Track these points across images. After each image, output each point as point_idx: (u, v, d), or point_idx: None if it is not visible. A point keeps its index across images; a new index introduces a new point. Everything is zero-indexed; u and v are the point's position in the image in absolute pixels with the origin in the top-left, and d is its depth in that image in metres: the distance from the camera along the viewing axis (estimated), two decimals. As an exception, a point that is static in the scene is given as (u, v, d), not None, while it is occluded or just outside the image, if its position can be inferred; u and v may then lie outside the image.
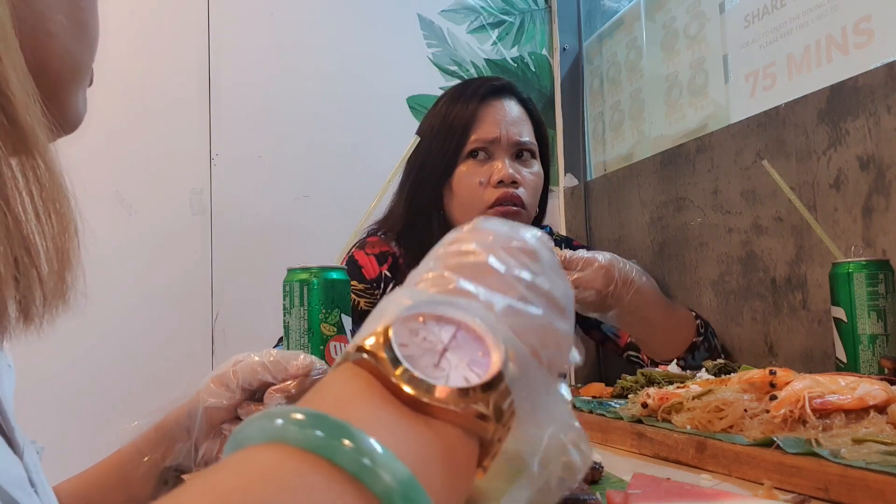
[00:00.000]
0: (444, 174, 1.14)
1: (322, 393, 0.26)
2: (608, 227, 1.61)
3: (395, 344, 0.26)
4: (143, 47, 1.53)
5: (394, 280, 1.16)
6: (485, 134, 1.14)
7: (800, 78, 1.15)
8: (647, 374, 0.83)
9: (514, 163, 1.16)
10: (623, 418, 0.64)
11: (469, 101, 1.16)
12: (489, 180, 1.12)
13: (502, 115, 1.17)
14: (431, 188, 1.15)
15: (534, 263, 0.32)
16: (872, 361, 0.79)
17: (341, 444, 0.22)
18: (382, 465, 0.21)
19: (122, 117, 1.50)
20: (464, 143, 1.14)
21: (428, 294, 0.30)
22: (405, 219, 1.17)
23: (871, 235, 0.94)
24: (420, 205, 1.16)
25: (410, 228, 1.16)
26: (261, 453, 0.22)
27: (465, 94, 1.18)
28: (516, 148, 1.16)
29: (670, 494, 0.38)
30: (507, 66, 1.82)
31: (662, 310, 1.08)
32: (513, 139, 1.16)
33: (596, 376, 1.63)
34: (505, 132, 1.15)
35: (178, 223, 1.50)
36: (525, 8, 1.85)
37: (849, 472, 0.41)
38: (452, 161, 1.14)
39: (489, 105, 1.17)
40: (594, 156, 1.80)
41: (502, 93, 1.20)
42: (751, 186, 1.15)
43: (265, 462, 0.22)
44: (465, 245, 0.32)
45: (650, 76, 1.58)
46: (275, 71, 1.62)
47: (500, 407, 0.27)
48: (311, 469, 0.21)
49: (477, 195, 1.13)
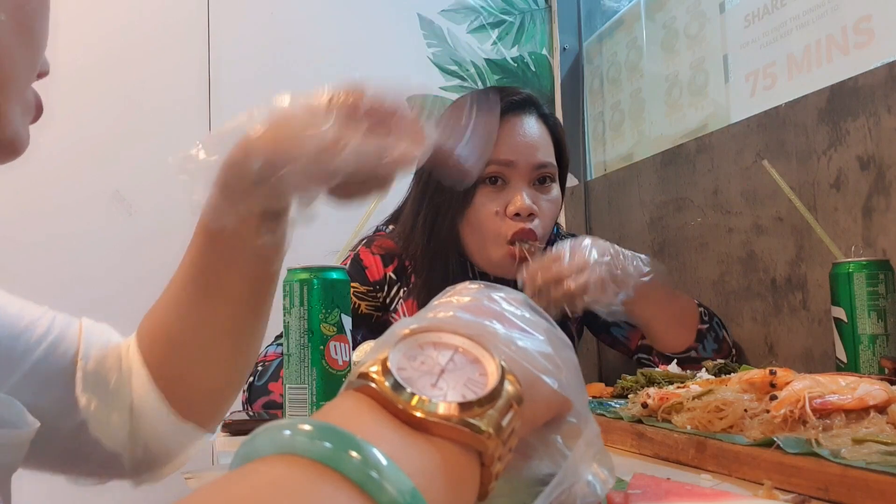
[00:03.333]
0: (463, 201, 1.08)
1: (326, 413, 0.27)
2: (608, 227, 1.61)
3: (394, 368, 0.27)
4: (144, 47, 1.53)
5: (398, 283, 1.13)
6: (503, 156, 1.06)
7: (800, 78, 1.15)
8: (647, 374, 0.83)
9: (532, 190, 1.08)
10: (623, 418, 0.64)
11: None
12: (505, 210, 1.06)
13: (521, 136, 1.08)
14: (451, 218, 1.09)
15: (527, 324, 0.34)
16: (872, 361, 0.79)
17: (349, 455, 0.22)
18: (388, 477, 0.22)
19: (122, 117, 1.50)
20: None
21: (428, 319, 0.31)
22: (424, 254, 1.11)
23: (871, 235, 0.94)
24: (439, 237, 1.10)
25: (428, 266, 1.11)
26: (269, 463, 0.22)
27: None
28: (535, 172, 1.08)
29: (670, 494, 0.38)
30: (507, 65, 1.82)
31: (666, 294, 1.05)
32: (532, 163, 1.07)
33: (596, 376, 1.63)
34: (524, 155, 1.07)
35: (178, 223, 1.50)
36: (525, 8, 1.85)
37: (849, 472, 0.41)
38: (471, 189, 1.06)
39: (507, 122, 1.07)
40: (594, 156, 1.80)
41: (522, 108, 1.10)
42: (751, 186, 1.15)
43: (274, 471, 0.22)
44: (460, 296, 0.34)
45: (650, 76, 1.58)
46: (275, 70, 1.62)
47: (500, 423, 0.27)
48: (319, 478, 0.22)
49: (493, 228, 1.06)
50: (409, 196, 1.16)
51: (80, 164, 1.44)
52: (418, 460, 0.25)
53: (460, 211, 1.08)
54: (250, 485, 0.21)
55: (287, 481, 0.21)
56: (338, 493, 0.21)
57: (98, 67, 1.48)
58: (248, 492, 0.21)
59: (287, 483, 0.21)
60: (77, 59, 1.45)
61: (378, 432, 0.25)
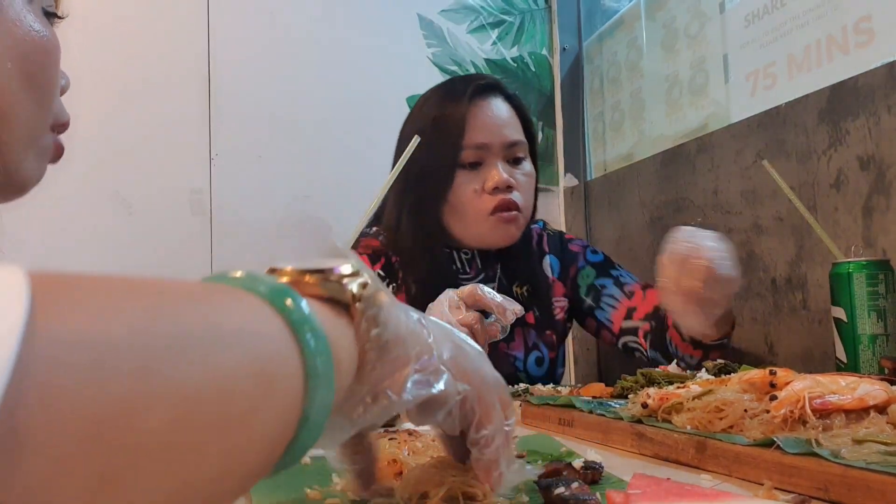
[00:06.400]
0: (443, 187, 1.12)
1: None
2: (608, 227, 1.61)
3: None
4: (144, 47, 1.53)
5: (387, 280, 1.14)
6: (475, 139, 1.11)
7: (800, 78, 1.15)
8: (647, 374, 0.83)
9: (507, 166, 1.13)
10: (623, 418, 0.64)
11: (457, 105, 1.12)
12: (483, 187, 1.11)
13: (491, 118, 1.13)
14: (433, 206, 1.13)
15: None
16: (872, 361, 0.79)
17: (261, 281, 0.30)
18: (265, 280, 0.30)
19: (122, 117, 1.50)
20: (458, 150, 1.11)
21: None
22: (413, 246, 1.13)
23: (871, 235, 0.94)
24: (425, 228, 1.13)
25: (417, 258, 1.13)
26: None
27: (451, 99, 1.14)
28: (508, 150, 1.14)
29: (670, 495, 0.38)
30: (507, 66, 1.82)
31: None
32: (504, 141, 1.13)
33: (596, 376, 1.63)
34: (496, 136, 1.12)
35: (178, 223, 1.50)
36: (525, 8, 1.85)
37: (849, 472, 0.41)
38: (450, 172, 1.11)
39: (477, 107, 1.13)
40: (594, 156, 1.80)
41: (489, 92, 1.16)
42: (751, 186, 1.15)
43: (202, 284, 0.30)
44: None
45: (650, 76, 1.58)
46: (275, 71, 1.62)
47: (343, 285, 0.33)
48: (228, 287, 0.29)
49: (474, 205, 1.11)
50: (390, 193, 1.18)
51: (80, 164, 1.44)
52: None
53: (442, 197, 1.13)
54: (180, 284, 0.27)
55: (212, 288, 0.29)
56: (234, 290, 0.29)
57: (98, 67, 1.48)
58: (177, 285, 0.26)
59: (213, 289, 0.29)
60: (76, 59, 1.44)
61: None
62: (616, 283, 1.19)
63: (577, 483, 0.40)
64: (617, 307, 1.17)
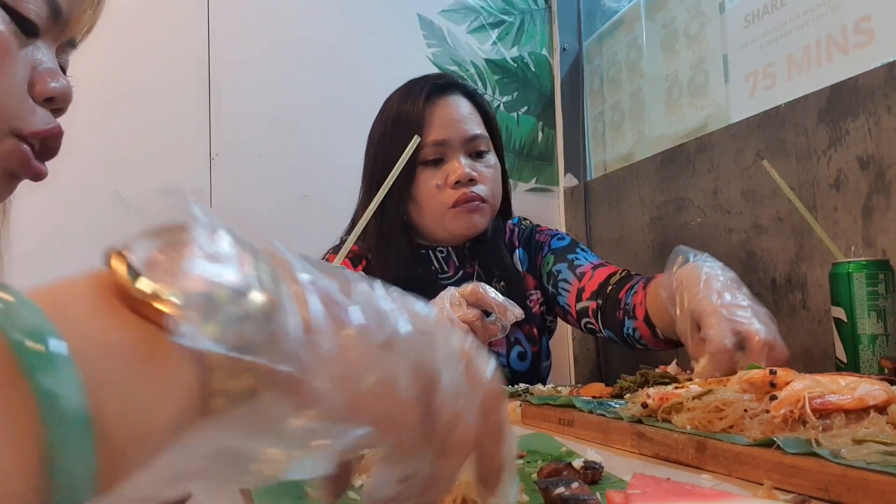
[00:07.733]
0: (405, 185, 1.12)
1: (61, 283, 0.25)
2: (608, 227, 1.61)
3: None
4: (144, 47, 1.53)
5: None
6: (435, 136, 1.12)
7: (800, 78, 1.15)
8: (646, 374, 0.83)
9: (469, 160, 1.14)
10: (623, 418, 0.64)
11: (414, 103, 1.14)
12: (446, 181, 1.12)
13: (450, 114, 1.14)
14: (397, 203, 1.14)
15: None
16: (872, 361, 0.79)
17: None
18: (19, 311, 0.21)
19: (122, 117, 1.50)
20: (418, 148, 1.12)
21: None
22: (378, 243, 1.15)
23: (871, 235, 0.94)
24: (390, 225, 1.15)
25: (382, 255, 1.15)
26: None
27: (409, 98, 1.15)
28: (469, 144, 1.14)
29: (670, 495, 0.38)
30: (507, 66, 1.82)
31: None
32: (464, 136, 1.14)
33: (596, 376, 1.63)
34: (455, 131, 1.13)
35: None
36: (525, 8, 1.85)
37: (849, 472, 0.41)
38: (412, 170, 1.12)
39: (435, 105, 1.14)
40: (594, 156, 1.80)
41: (447, 90, 1.17)
42: (751, 186, 1.15)
43: None
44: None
45: (650, 76, 1.58)
46: (275, 71, 1.62)
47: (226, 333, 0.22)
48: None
49: (436, 200, 1.12)
50: (360, 196, 1.21)
51: (80, 163, 1.44)
52: (105, 334, 0.22)
53: (406, 196, 1.14)
54: None
55: None
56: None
57: (97, 67, 1.48)
58: None
59: None
60: (76, 59, 1.44)
61: (77, 305, 0.23)
62: (570, 266, 1.18)
63: (577, 483, 0.40)
64: (570, 290, 1.16)
